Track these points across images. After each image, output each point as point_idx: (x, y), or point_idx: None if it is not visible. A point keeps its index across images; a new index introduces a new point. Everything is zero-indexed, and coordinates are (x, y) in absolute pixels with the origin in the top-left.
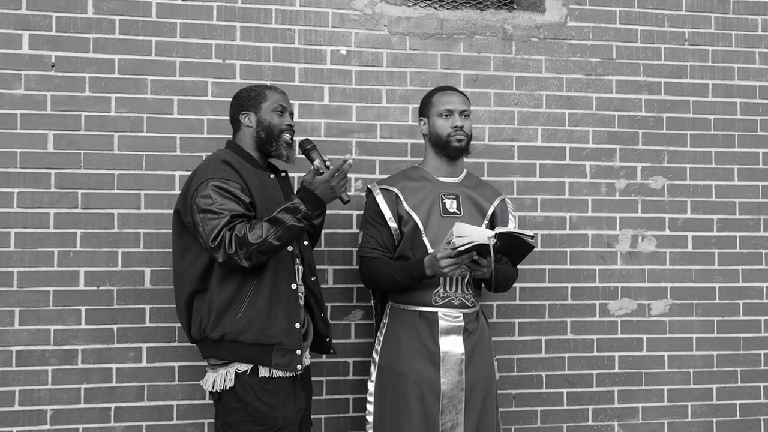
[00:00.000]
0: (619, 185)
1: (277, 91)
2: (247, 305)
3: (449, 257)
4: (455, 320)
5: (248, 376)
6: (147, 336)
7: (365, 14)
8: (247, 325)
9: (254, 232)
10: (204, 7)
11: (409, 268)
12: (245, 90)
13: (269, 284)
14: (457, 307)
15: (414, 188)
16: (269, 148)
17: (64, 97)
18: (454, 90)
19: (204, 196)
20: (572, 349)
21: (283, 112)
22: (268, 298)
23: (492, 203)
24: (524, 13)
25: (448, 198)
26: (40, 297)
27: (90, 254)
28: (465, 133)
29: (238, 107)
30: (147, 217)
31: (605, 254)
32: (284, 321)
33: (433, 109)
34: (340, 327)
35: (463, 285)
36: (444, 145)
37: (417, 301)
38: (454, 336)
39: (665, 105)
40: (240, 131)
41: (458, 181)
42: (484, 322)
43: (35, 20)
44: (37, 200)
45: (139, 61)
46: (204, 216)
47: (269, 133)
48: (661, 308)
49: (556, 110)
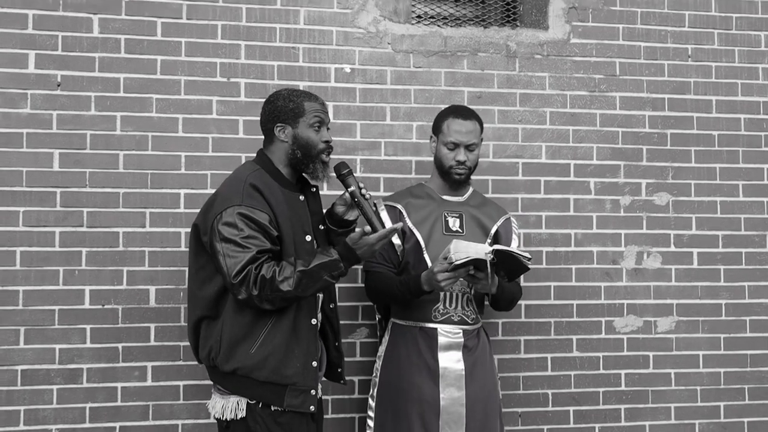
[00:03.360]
0: (623, 201)
1: (315, 100)
2: (263, 341)
3: (446, 271)
4: (455, 336)
5: (260, 409)
6: (152, 355)
7: (369, 32)
8: (261, 362)
9: (285, 279)
10: (209, 26)
11: (407, 282)
12: (282, 98)
13: (289, 321)
14: (456, 323)
15: (418, 205)
16: (304, 168)
17: (70, 116)
18: (466, 117)
19: (228, 224)
20: (578, 366)
21: (321, 125)
22: (286, 336)
23: (496, 222)
24: (527, 30)
25: (451, 216)
26: (46, 316)
27: (95, 273)
28: (467, 167)
29: (273, 117)
30: (152, 236)
31: (610, 271)
32: (301, 360)
33: (441, 137)
34: (345, 345)
35: (463, 302)
36: (445, 173)
37: (417, 317)
38: (454, 352)
39: (669, 121)
40: (273, 144)
41: (463, 200)
42: (485, 340)
43: (41, 40)
44: (42, 219)
45: (145, 79)
46: (227, 246)
47: (306, 152)
48: (667, 325)
49: (560, 127)
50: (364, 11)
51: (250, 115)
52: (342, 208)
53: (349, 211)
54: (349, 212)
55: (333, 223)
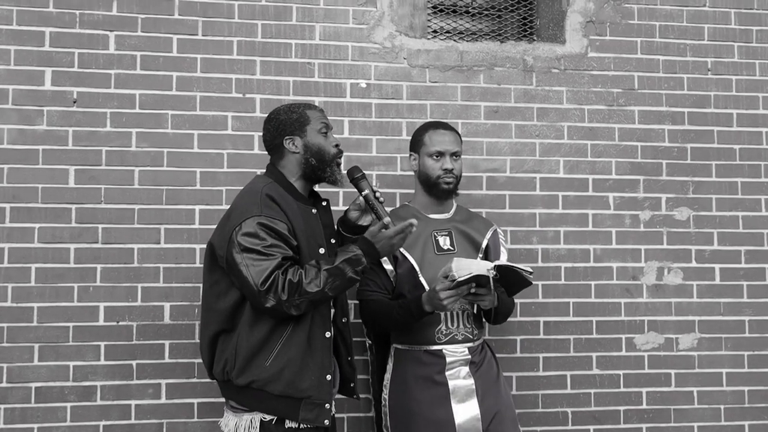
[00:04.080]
0: (643, 216)
1: (316, 109)
2: (278, 353)
3: (448, 289)
4: (461, 355)
5: (274, 426)
6: (166, 372)
7: (385, 47)
8: (276, 375)
9: (311, 280)
10: (224, 42)
11: (408, 305)
12: (283, 112)
13: (304, 333)
14: (461, 342)
15: None
16: (321, 174)
17: (86, 133)
18: (446, 128)
19: (249, 234)
20: (598, 384)
21: (327, 130)
22: (302, 349)
23: (485, 236)
24: (544, 44)
25: (440, 235)
26: (60, 333)
27: (110, 289)
28: (454, 175)
29: (280, 131)
30: (167, 252)
31: (630, 287)
32: (316, 373)
33: (424, 149)
34: (359, 363)
35: (464, 319)
36: (432, 186)
37: (420, 341)
38: (462, 369)
39: (689, 135)
40: (284, 158)
41: (449, 216)
42: (490, 353)
43: (58, 57)
44: (57, 235)
45: (160, 96)
46: (248, 256)
47: (321, 158)
48: (689, 342)
49: (578, 141)
50: (380, 26)
51: None
52: (356, 213)
53: (363, 216)
54: (362, 217)
55: (346, 230)
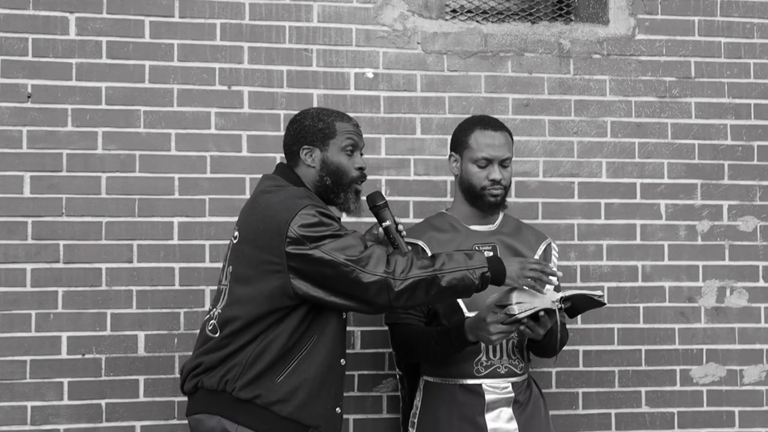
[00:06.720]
0: (701, 228)
1: (349, 121)
2: (291, 371)
3: (501, 323)
4: (503, 392)
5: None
6: (141, 413)
7: (395, 30)
8: (288, 395)
9: (418, 258)
10: (206, 26)
11: (448, 334)
12: (310, 117)
13: (325, 354)
14: (504, 376)
15: (442, 240)
16: (334, 198)
17: (43, 133)
18: (495, 128)
19: (311, 225)
20: (648, 424)
21: (354, 150)
22: (321, 371)
23: (536, 251)
24: (584, 25)
25: (483, 249)
26: (15, 368)
27: (74, 316)
28: (503, 186)
29: (300, 138)
30: (140, 272)
31: (686, 310)
32: (330, 403)
33: (468, 152)
34: (369, 399)
35: (508, 349)
36: (476, 197)
37: (456, 373)
38: (504, 409)
39: (756, 131)
40: (297, 168)
41: (494, 228)
42: (536, 391)
43: (8, 43)
44: (11, 254)
45: (130, 89)
46: (328, 242)
47: (337, 180)
48: (756, 375)
49: (623, 139)
50: (389, 5)
51: (254, 130)
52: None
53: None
54: None
55: None
